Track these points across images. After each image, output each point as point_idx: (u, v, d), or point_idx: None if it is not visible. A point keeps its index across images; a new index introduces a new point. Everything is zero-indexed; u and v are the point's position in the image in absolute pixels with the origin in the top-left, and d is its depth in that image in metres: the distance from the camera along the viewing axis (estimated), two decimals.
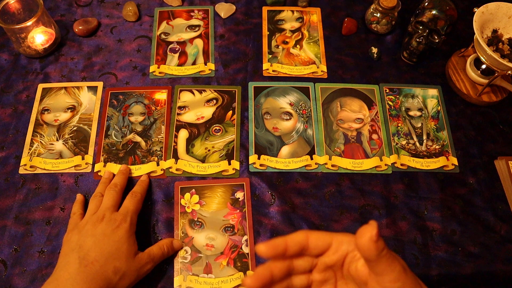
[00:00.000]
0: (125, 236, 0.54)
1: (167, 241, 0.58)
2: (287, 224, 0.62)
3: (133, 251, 0.54)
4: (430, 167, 0.67)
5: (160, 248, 0.57)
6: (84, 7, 0.83)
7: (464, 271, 0.60)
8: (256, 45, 0.79)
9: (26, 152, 0.67)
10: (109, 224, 0.54)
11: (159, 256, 0.56)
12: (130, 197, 0.59)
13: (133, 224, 0.56)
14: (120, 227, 0.54)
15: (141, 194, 0.61)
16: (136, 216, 0.58)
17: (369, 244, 0.33)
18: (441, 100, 0.74)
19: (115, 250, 0.52)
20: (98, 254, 0.51)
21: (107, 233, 0.53)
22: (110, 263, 0.51)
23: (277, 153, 0.68)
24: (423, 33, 0.73)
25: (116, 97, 0.72)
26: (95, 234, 0.53)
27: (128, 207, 0.58)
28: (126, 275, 0.52)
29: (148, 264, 0.55)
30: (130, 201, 0.59)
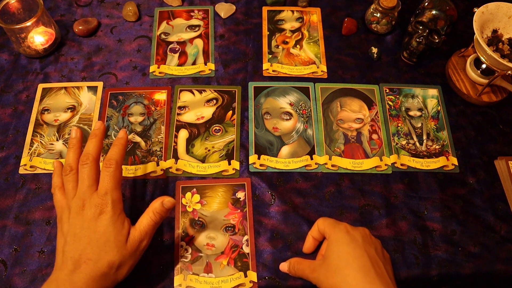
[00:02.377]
0: (111, 224, 0.49)
1: (156, 206, 0.52)
2: (287, 224, 0.62)
3: (124, 236, 0.50)
4: (430, 167, 0.67)
5: (150, 217, 0.52)
6: (84, 7, 0.83)
7: (464, 271, 0.60)
8: (256, 45, 0.79)
9: (26, 152, 0.67)
10: (90, 212, 0.50)
11: (150, 227, 0.52)
12: (104, 169, 0.51)
13: (116, 203, 0.50)
14: (103, 215, 0.50)
15: (116, 161, 0.52)
16: (118, 191, 0.51)
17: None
18: (441, 100, 0.74)
19: (104, 242, 0.49)
20: (89, 251, 0.48)
21: (92, 226, 0.49)
22: (102, 258, 0.48)
23: (277, 153, 0.68)
24: (423, 33, 0.73)
25: (116, 98, 0.72)
26: (81, 229, 0.49)
27: (105, 186, 0.51)
28: (122, 264, 0.50)
29: (142, 242, 0.51)
30: (105, 176, 0.51)
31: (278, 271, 0.58)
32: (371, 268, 0.50)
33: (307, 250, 0.59)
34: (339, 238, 0.53)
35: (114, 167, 0.52)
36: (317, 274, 0.53)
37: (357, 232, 0.54)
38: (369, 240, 0.54)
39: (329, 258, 0.52)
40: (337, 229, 0.54)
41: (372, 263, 0.51)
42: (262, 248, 0.60)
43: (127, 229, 0.51)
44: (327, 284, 0.51)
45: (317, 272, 0.53)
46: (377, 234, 0.62)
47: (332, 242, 0.54)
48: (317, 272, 0.53)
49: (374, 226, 0.62)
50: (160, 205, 0.53)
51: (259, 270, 0.58)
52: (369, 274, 0.49)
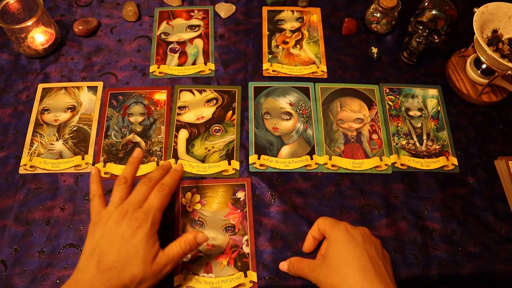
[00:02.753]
0: (144, 239, 0.50)
1: (189, 237, 0.53)
2: (287, 224, 0.62)
3: (152, 254, 0.51)
4: (430, 167, 0.67)
5: (181, 246, 0.53)
6: (84, 7, 0.83)
7: (464, 271, 0.60)
8: (256, 45, 0.79)
9: (26, 152, 0.67)
10: (129, 224, 0.51)
11: (179, 255, 0.53)
12: (157, 191, 0.55)
13: (155, 223, 0.53)
14: (140, 229, 0.51)
15: (169, 187, 0.56)
16: (161, 214, 0.54)
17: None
18: (441, 100, 0.74)
19: (133, 255, 0.49)
20: (116, 259, 0.49)
21: (126, 236, 0.50)
22: (127, 270, 0.49)
23: (277, 153, 0.68)
24: (423, 33, 0.73)
25: (116, 98, 0.72)
26: (115, 236, 0.50)
27: (152, 204, 0.53)
28: (144, 281, 0.50)
29: (167, 266, 0.52)
30: (156, 196, 0.54)
31: (278, 271, 0.58)
32: (370, 268, 0.50)
33: (307, 250, 0.59)
34: (339, 237, 0.53)
35: (167, 191, 0.55)
36: (317, 273, 0.53)
37: (357, 232, 0.54)
38: (369, 239, 0.55)
39: (329, 257, 0.52)
40: (337, 229, 0.54)
41: (372, 262, 0.51)
42: (262, 248, 0.60)
43: (156, 249, 0.52)
44: (327, 283, 0.51)
45: (316, 271, 0.53)
46: (377, 234, 0.62)
47: (332, 241, 0.54)
48: (317, 271, 0.53)
49: (374, 226, 0.62)
50: (194, 238, 0.54)
51: (259, 270, 0.58)
52: (368, 273, 0.49)
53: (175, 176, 0.58)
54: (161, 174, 0.58)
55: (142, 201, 0.54)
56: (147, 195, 0.55)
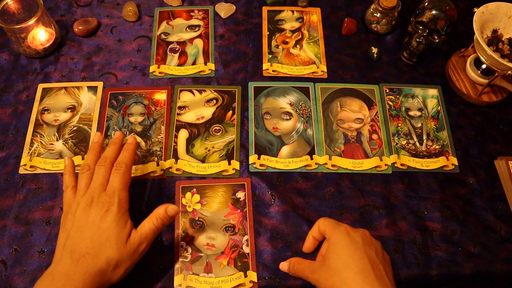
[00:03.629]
0: (114, 221, 0.51)
1: (160, 212, 0.54)
2: (287, 224, 0.62)
3: (125, 234, 0.51)
4: (430, 167, 0.67)
5: (152, 222, 0.53)
6: (84, 7, 0.83)
7: (464, 271, 0.60)
8: (256, 45, 0.79)
9: (26, 152, 0.67)
10: (97, 209, 0.51)
11: (152, 231, 0.53)
12: (114, 171, 0.55)
13: (122, 203, 0.52)
14: (108, 212, 0.51)
15: (125, 164, 0.55)
16: (126, 192, 0.54)
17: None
18: (441, 100, 0.74)
19: (106, 239, 0.50)
20: (89, 246, 0.49)
21: (96, 221, 0.51)
22: (102, 254, 0.49)
23: (277, 153, 0.68)
24: (423, 33, 0.73)
25: (116, 98, 0.72)
26: (85, 224, 0.51)
27: (114, 185, 0.53)
28: (120, 263, 0.50)
29: (142, 245, 0.52)
30: (115, 177, 0.54)
31: (278, 271, 0.58)
32: (370, 271, 0.50)
33: (307, 250, 0.59)
34: (340, 240, 0.53)
35: (124, 169, 0.55)
36: (317, 275, 0.53)
37: (358, 234, 0.54)
38: (369, 242, 0.54)
39: (329, 259, 0.52)
40: (337, 231, 0.54)
41: (372, 265, 0.51)
42: (262, 248, 0.60)
43: (129, 229, 0.52)
44: (327, 286, 0.51)
45: (316, 273, 0.53)
46: (377, 234, 0.62)
47: (332, 243, 0.54)
48: (317, 273, 0.53)
49: (374, 226, 0.62)
50: (164, 211, 0.54)
51: (259, 270, 0.58)
52: (368, 276, 0.49)
53: (129, 151, 0.57)
54: (115, 151, 0.57)
55: (104, 183, 0.54)
56: (108, 176, 0.55)
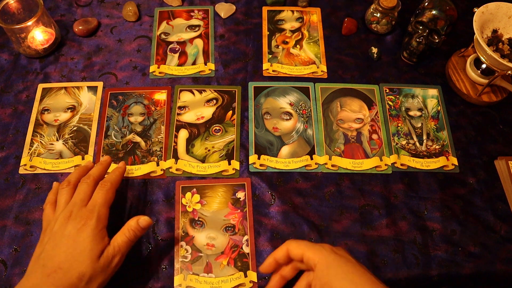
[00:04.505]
0: (90, 236, 0.50)
1: (132, 223, 0.53)
2: (287, 224, 0.62)
3: (100, 249, 0.50)
4: (430, 167, 0.67)
5: (125, 234, 0.52)
6: (84, 7, 0.83)
7: (464, 271, 0.60)
8: (256, 45, 0.79)
9: (26, 152, 0.67)
10: (74, 223, 0.51)
11: (125, 244, 0.52)
12: (99, 187, 0.55)
13: (101, 218, 0.52)
14: (86, 226, 0.50)
15: (111, 183, 0.55)
16: (106, 209, 0.53)
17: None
18: (441, 100, 0.74)
19: (79, 253, 0.49)
20: (62, 259, 0.48)
21: (72, 235, 0.50)
22: (74, 269, 0.48)
23: (277, 153, 0.68)
24: (423, 33, 0.73)
25: (116, 98, 0.72)
26: (61, 237, 0.50)
27: (95, 200, 0.53)
28: (93, 278, 0.49)
29: (115, 258, 0.51)
30: (98, 193, 0.54)
31: None
32: (374, 278, 0.46)
33: (265, 270, 0.52)
34: (333, 261, 0.47)
35: (109, 187, 0.55)
36: None
37: (342, 250, 0.49)
38: (347, 252, 0.50)
39: (330, 284, 0.46)
40: (324, 252, 0.48)
41: (370, 273, 0.47)
42: (262, 248, 0.60)
43: (104, 244, 0.51)
44: None
45: None
46: (377, 234, 0.62)
47: (326, 266, 0.47)
48: None
49: (374, 226, 0.62)
50: (136, 223, 0.53)
51: (259, 270, 0.58)
52: (377, 283, 0.46)
53: (117, 173, 0.58)
54: (100, 171, 0.58)
55: (85, 199, 0.53)
56: (90, 193, 0.54)
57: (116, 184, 0.56)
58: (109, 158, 0.61)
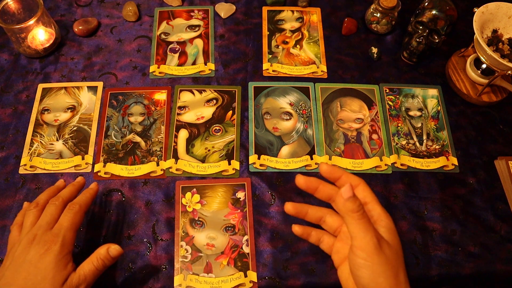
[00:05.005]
0: (53, 262, 0.47)
1: (101, 252, 0.50)
2: (287, 224, 0.62)
3: (63, 277, 0.47)
4: (430, 167, 0.67)
5: (93, 262, 0.50)
6: (84, 7, 0.83)
7: (464, 271, 0.60)
8: (256, 45, 0.79)
9: (26, 152, 0.67)
10: (37, 248, 0.48)
11: (91, 273, 0.49)
12: (67, 210, 0.52)
13: (66, 243, 0.49)
14: (49, 251, 0.47)
15: (80, 205, 0.52)
16: (73, 233, 0.50)
17: (339, 198, 0.42)
18: (441, 100, 0.74)
19: (41, 280, 0.46)
20: (22, 287, 0.46)
21: (34, 261, 0.47)
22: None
23: (277, 153, 0.68)
24: (423, 33, 0.73)
25: (116, 98, 0.72)
26: (22, 263, 0.47)
27: (61, 224, 0.50)
28: None
29: (79, 287, 0.48)
30: (65, 216, 0.51)
31: (278, 271, 0.58)
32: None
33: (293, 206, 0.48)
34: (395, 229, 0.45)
35: (77, 209, 0.52)
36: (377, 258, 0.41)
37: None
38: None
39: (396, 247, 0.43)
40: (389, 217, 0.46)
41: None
42: (262, 248, 0.60)
43: (68, 271, 0.48)
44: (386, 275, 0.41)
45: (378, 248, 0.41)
46: None
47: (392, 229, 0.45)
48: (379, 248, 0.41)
49: None
50: (106, 251, 0.50)
51: (259, 270, 0.58)
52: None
53: (87, 194, 0.55)
54: (71, 192, 0.55)
55: (51, 222, 0.51)
56: (57, 215, 0.51)
57: (85, 206, 0.54)
58: (83, 179, 0.58)
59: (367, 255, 0.41)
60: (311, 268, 0.58)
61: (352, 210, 0.41)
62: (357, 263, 0.41)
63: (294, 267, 0.59)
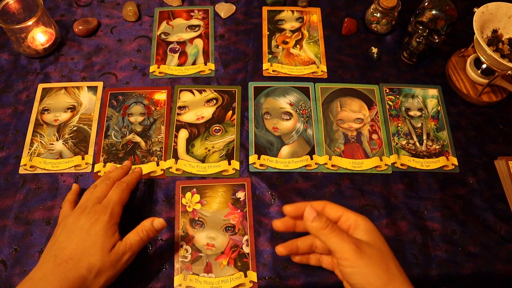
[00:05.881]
0: (102, 229, 0.51)
1: (146, 224, 0.55)
2: None
3: (111, 244, 0.51)
4: (430, 167, 0.67)
5: (138, 233, 0.54)
6: (84, 7, 0.83)
7: (464, 271, 0.60)
8: (256, 45, 0.79)
9: (26, 152, 0.67)
10: (88, 217, 0.52)
11: (137, 242, 0.53)
12: (115, 186, 0.57)
13: (114, 215, 0.54)
14: (99, 220, 0.52)
15: (127, 184, 0.58)
16: (120, 207, 0.55)
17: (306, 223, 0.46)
18: (441, 100, 0.74)
19: (91, 245, 0.50)
20: (73, 251, 0.49)
21: (85, 228, 0.51)
22: (84, 260, 0.49)
23: (277, 153, 0.68)
24: (423, 33, 0.73)
25: (116, 98, 0.72)
26: (74, 229, 0.52)
27: (110, 198, 0.55)
28: (102, 271, 0.50)
29: (125, 255, 0.52)
30: (114, 191, 0.56)
31: (278, 271, 0.58)
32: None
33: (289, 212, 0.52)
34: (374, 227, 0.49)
35: (125, 187, 0.57)
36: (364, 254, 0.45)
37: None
38: None
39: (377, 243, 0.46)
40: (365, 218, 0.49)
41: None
42: (262, 248, 0.60)
43: (115, 239, 0.53)
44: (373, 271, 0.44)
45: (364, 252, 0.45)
46: None
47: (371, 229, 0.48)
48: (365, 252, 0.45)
49: None
50: (150, 224, 0.55)
51: (259, 270, 0.58)
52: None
53: (133, 175, 0.60)
54: (119, 173, 0.60)
55: (101, 197, 0.56)
56: (106, 192, 0.56)
57: (131, 186, 0.59)
58: (129, 163, 0.63)
59: (351, 262, 0.44)
60: (311, 268, 0.58)
61: (321, 227, 0.46)
62: (347, 272, 0.45)
63: (294, 267, 0.59)
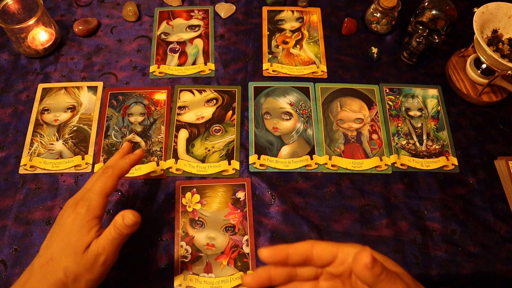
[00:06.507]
0: (78, 226, 0.45)
1: (118, 220, 0.47)
2: (287, 224, 0.62)
3: (84, 244, 0.45)
4: (430, 167, 0.67)
5: (110, 232, 0.47)
6: (84, 7, 0.83)
7: (464, 271, 0.60)
8: (256, 45, 0.79)
9: (26, 152, 0.67)
10: (68, 211, 0.47)
11: (109, 242, 0.46)
12: (100, 174, 0.50)
13: (92, 208, 0.47)
14: (76, 215, 0.46)
15: (112, 169, 0.50)
16: (102, 197, 0.48)
17: (364, 271, 0.32)
18: (441, 100, 0.74)
19: (66, 244, 0.45)
20: (54, 250, 0.45)
21: (65, 224, 0.46)
22: (61, 262, 0.44)
23: (277, 153, 0.68)
24: (423, 33, 0.73)
25: (116, 98, 0.72)
26: (56, 225, 0.47)
27: (92, 189, 0.48)
28: (79, 276, 0.44)
29: (99, 257, 0.45)
30: (97, 179, 0.49)
31: None
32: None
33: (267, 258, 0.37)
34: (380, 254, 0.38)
35: (109, 173, 0.50)
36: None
37: None
38: None
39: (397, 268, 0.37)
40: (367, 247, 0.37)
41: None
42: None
43: (91, 238, 0.46)
44: None
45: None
46: (377, 234, 0.62)
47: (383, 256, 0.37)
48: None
49: (374, 226, 0.62)
50: (122, 220, 0.47)
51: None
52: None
53: (126, 160, 0.53)
54: (115, 159, 0.54)
55: (89, 188, 0.50)
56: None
57: (119, 171, 0.51)
58: (129, 144, 0.57)
59: None
60: None
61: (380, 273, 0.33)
62: None
63: None
